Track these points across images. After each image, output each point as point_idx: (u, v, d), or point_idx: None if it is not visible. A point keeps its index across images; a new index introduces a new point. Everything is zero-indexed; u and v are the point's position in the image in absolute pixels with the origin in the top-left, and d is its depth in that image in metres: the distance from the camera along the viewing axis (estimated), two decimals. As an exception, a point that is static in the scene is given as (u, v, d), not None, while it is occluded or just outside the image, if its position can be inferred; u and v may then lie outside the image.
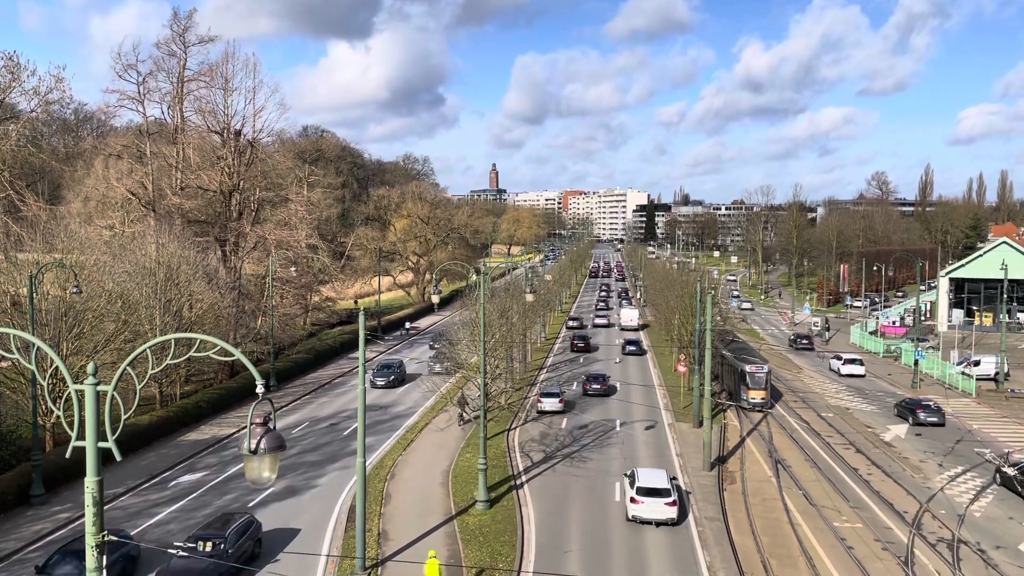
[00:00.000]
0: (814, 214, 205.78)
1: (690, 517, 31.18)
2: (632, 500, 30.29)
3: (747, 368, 50.52)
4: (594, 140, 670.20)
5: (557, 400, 49.15)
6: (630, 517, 30.32)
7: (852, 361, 64.78)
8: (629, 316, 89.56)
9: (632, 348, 72.46)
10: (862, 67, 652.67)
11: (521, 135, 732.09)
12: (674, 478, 32.51)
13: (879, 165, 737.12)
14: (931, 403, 49.67)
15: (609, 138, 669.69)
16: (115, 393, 9.24)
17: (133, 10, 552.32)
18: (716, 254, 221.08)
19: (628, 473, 33.22)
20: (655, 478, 31.10)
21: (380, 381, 55.85)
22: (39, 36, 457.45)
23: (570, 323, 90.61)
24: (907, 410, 49.20)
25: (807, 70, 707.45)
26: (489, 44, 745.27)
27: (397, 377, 57.37)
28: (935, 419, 47.56)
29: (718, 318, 62.87)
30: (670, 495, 30.11)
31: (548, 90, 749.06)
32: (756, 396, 50.31)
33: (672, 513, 29.93)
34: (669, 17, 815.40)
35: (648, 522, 30.14)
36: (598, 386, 54.53)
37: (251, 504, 31.78)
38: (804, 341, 79.52)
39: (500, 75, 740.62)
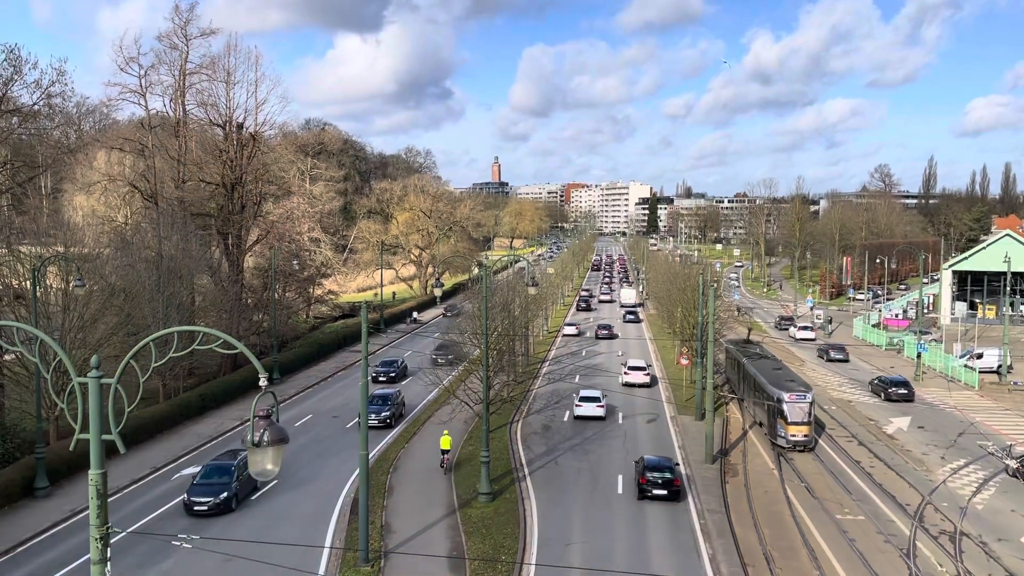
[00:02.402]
0: (817, 207, 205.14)
1: (692, 511, 31.34)
2: (624, 373, 54.03)
3: (785, 397, 39.64)
4: (599, 133, 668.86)
5: (575, 328, 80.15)
6: (622, 384, 53.38)
7: (804, 328, 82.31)
8: (628, 295, 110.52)
9: (631, 317, 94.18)
10: (872, 59, 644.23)
11: (527, 128, 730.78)
12: (649, 364, 57.44)
13: (885, 157, 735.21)
14: (840, 346, 69.44)
15: (615, 131, 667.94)
16: (118, 386, 9.26)
17: (142, 1, 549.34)
18: (719, 247, 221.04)
19: (624, 362, 57.33)
20: (638, 361, 56.06)
21: (199, 506, 29.98)
22: (49, 29, 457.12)
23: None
24: (823, 352, 69.04)
25: (816, 62, 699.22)
26: (498, 36, 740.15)
27: (230, 498, 30.38)
28: (841, 356, 67.17)
29: (732, 311, 62.84)
30: (645, 370, 54.08)
31: (555, 82, 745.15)
32: (797, 433, 39.31)
33: (647, 380, 53.52)
34: (680, 8, 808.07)
35: (633, 385, 52.65)
36: (606, 332, 78.14)
37: (254, 497, 31.90)
38: (786, 322, 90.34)
39: (507, 68, 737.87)
